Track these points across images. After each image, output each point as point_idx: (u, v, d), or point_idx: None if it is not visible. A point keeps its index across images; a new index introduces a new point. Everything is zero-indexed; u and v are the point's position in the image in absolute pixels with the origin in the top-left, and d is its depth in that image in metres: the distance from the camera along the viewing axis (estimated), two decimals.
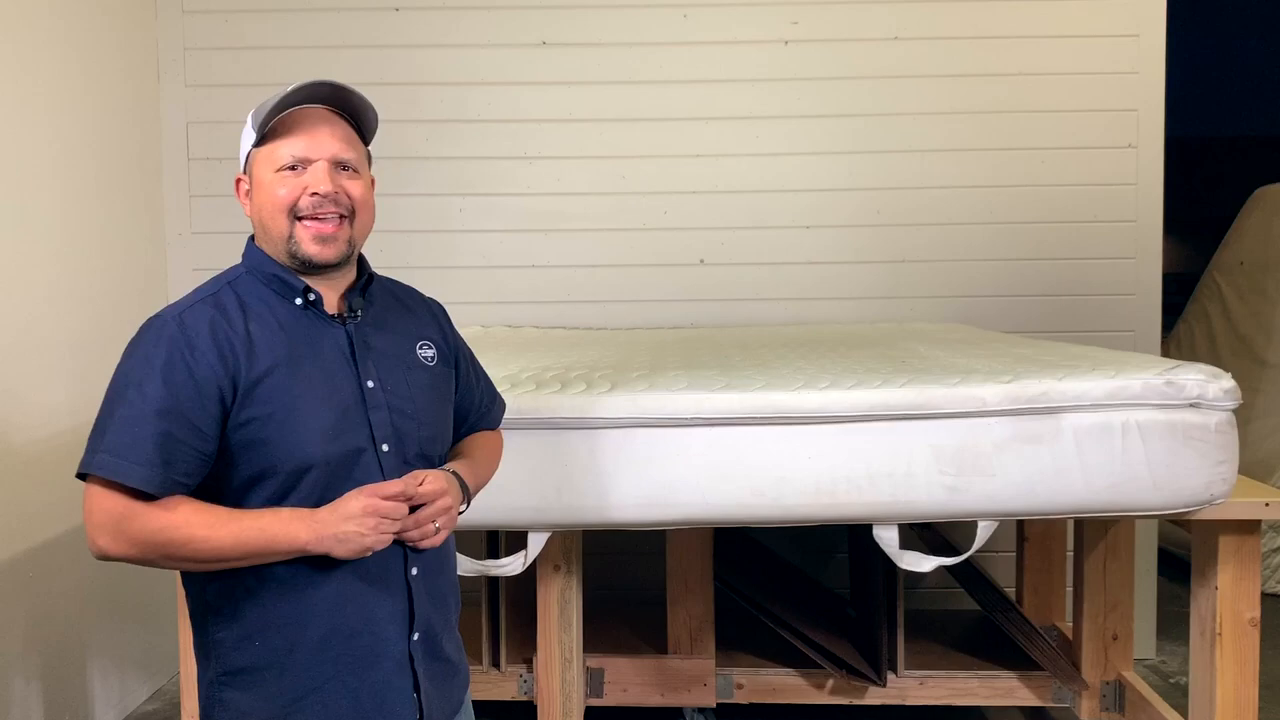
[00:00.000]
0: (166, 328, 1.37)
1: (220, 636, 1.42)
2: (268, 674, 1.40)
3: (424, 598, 1.48)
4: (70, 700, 3.07)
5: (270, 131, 1.45)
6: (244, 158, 1.49)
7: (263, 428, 1.36)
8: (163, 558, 1.34)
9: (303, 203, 1.41)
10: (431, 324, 1.62)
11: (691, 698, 2.84)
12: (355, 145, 1.49)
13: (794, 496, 2.15)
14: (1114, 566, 2.80)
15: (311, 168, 1.42)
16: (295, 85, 1.44)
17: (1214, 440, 2.14)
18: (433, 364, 1.56)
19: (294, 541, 1.34)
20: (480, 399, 1.71)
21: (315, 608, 1.40)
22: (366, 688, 1.42)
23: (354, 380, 1.44)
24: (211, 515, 1.34)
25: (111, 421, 1.34)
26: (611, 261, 3.79)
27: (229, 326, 1.39)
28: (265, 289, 1.46)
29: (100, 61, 3.37)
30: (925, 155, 3.78)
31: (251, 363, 1.37)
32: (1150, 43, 3.73)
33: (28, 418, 2.92)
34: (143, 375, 1.34)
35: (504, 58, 3.76)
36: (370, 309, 1.52)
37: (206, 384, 1.34)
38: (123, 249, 3.48)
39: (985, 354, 2.59)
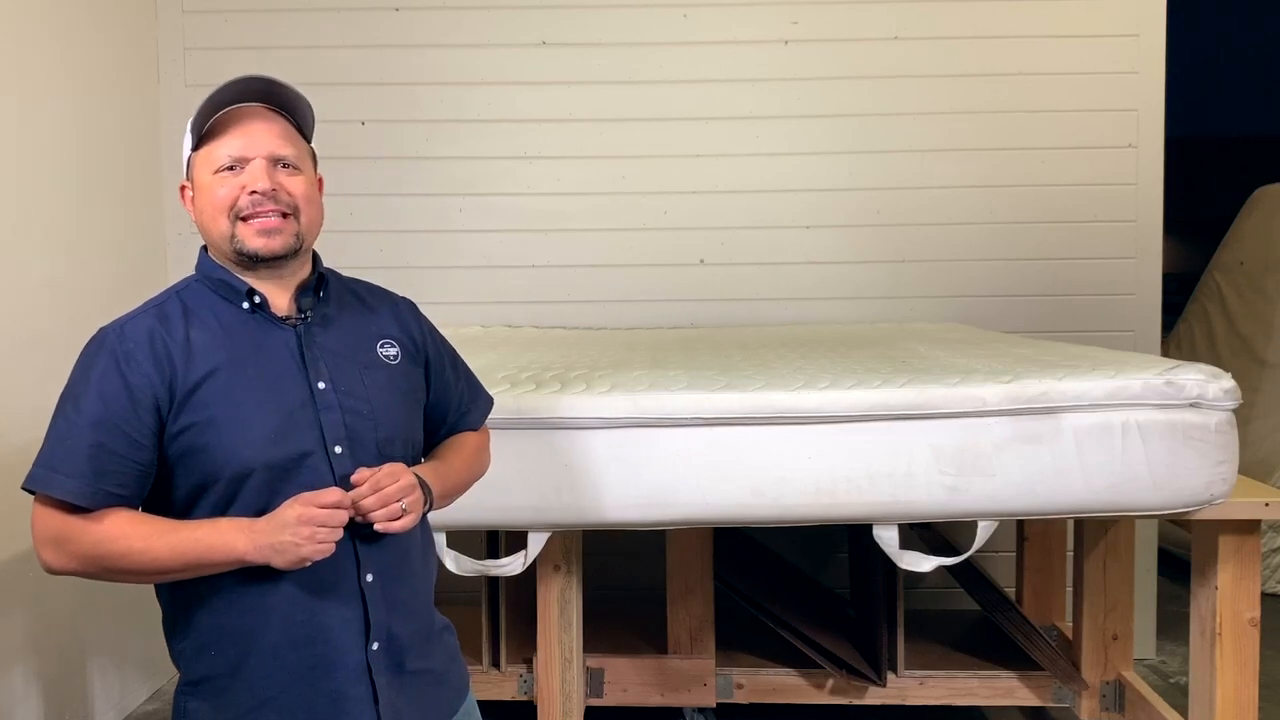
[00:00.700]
0: (106, 340, 1.38)
1: (181, 647, 1.43)
2: (224, 683, 1.39)
3: (381, 605, 1.43)
4: (70, 700, 3.07)
5: (207, 133, 1.43)
6: (185, 163, 1.47)
7: (201, 433, 1.34)
8: (104, 570, 1.34)
9: (242, 202, 1.39)
10: (394, 322, 1.57)
11: (691, 698, 2.84)
12: (294, 141, 1.46)
13: (794, 496, 2.15)
14: (1114, 566, 2.80)
15: (249, 166, 1.40)
16: (225, 83, 1.41)
17: (1214, 440, 2.14)
18: (394, 363, 1.51)
19: (231, 552, 1.31)
20: (460, 399, 1.66)
21: (267, 616, 1.38)
22: (321, 697, 1.39)
23: (303, 382, 1.40)
24: (148, 527, 1.32)
25: (50, 436, 1.35)
26: (611, 261, 3.79)
27: (168, 335, 1.37)
28: (212, 294, 1.44)
29: (100, 61, 3.37)
30: (925, 155, 3.78)
31: (189, 368, 1.35)
32: (1150, 43, 3.73)
33: (27, 417, 2.92)
34: (80, 389, 1.35)
35: (503, 58, 3.76)
36: (323, 308, 1.49)
37: (141, 393, 1.33)
38: (123, 249, 3.48)
39: (985, 354, 2.59)
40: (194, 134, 1.43)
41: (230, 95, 1.42)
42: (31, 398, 2.94)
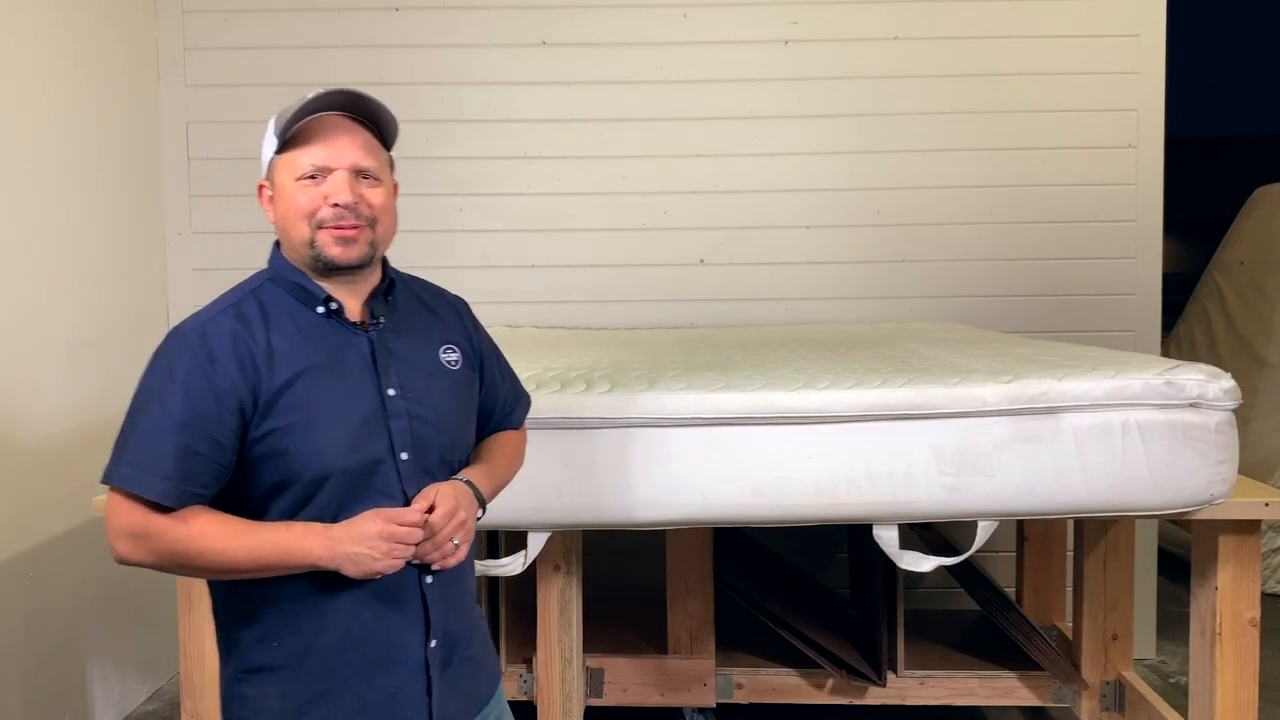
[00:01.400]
0: (189, 340, 1.38)
1: (240, 635, 1.45)
2: (284, 673, 1.42)
3: (440, 606, 1.47)
4: (70, 700, 3.07)
5: (291, 139, 1.45)
6: (265, 163, 1.49)
7: (283, 438, 1.37)
8: (179, 567, 1.36)
9: (323, 213, 1.42)
10: (456, 325, 1.61)
11: (691, 698, 2.84)
12: (375, 153, 1.49)
13: (794, 496, 2.15)
14: (1114, 566, 2.80)
15: (331, 177, 1.43)
16: (315, 93, 1.44)
17: (1214, 440, 2.14)
18: (456, 368, 1.55)
19: (307, 556, 1.35)
20: (504, 398, 1.69)
21: (332, 614, 1.41)
22: (377, 692, 1.43)
23: (375, 388, 1.43)
24: (227, 528, 1.35)
25: (133, 434, 1.35)
26: (611, 261, 3.79)
27: (250, 338, 1.39)
28: (288, 297, 1.46)
29: (100, 61, 3.37)
30: (925, 155, 3.78)
31: (273, 374, 1.38)
32: (1150, 43, 3.73)
33: (27, 417, 2.92)
34: (164, 389, 1.35)
35: (503, 58, 3.76)
36: (393, 314, 1.52)
37: (226, 397, 1.35)
38: (123, 249, 3.48)
39: (985, 354, 2.58)
40: (278, 138, 1.45)
41: (317, 105, 1.45)
42: (32, 397, 2.94)
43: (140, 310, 3.59)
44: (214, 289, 4.20)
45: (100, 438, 3.27)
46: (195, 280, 3.78)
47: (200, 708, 2.36)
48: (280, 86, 3.76)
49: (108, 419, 3.33)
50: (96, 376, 3.28)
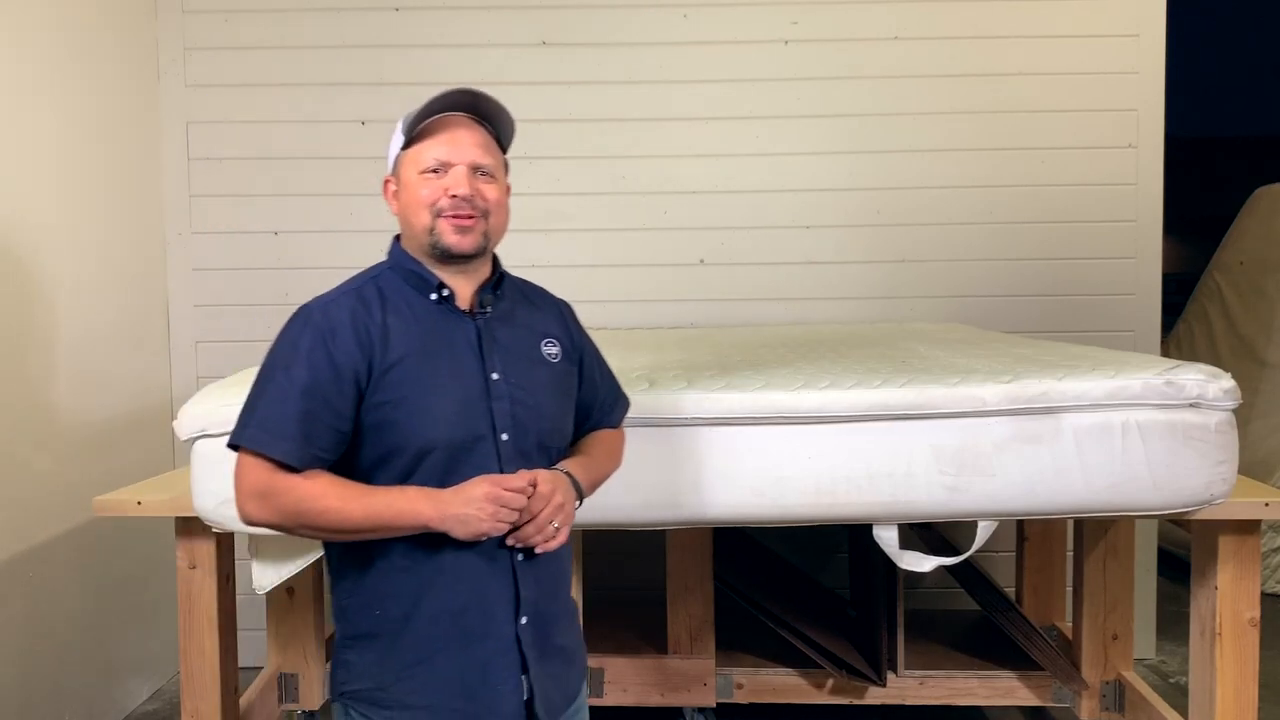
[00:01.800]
0: (312, 317, 1.51)
1: (346, 603, 1.57)
2: (384, 641, 1.53)
3: (531, 584, 1.55)
4: (70, 700, 3.08)
5: (416, 136, 1.58)
6: (392, 160, 1.62)
7: (393, 410, 1.48)
8: (300, 525, 1.47)
9: (443, 203, 1.54)
10: (558, 322, 1.73)
11: (691, 698, 2.84)
12: (493, 152, 1.63)
13: (794, 496, 2.15)
14: (1114, 566, 2.80)
15: (452, 171, 1.55)
16: (441, 92, 1.57)
17: (1214, 440, 2.13)
18: (555, 361, 1.65)
19: (419, 517, 1.44)
20: (604, 397, 1.78)
21: (429, 584, 1.50)
22: (472, 662, 1.52)
23: (480, 371, 1.54)
24: (346, 489, 1.46)
25: (261, 400, 1.48)
26: (611, 261, 3.79)
27: (368, 317, 1.51)
28: (404, 284, 1.58)
29: (100, 61, 3.37)
30: (925, 155, 3.78)
31: (386, 351, 1.50)
32: (1150, 43, 3.73)
33: (27, 417, 2.92)
34: (290, 359, 1.48)
35: (503, 58, 3.76)
36: (500, 305, 1.63)
37: (345, 369, 1.47)
38: (123, 249, 3.48)
39: (985, 354, 2.58)
40: (404, 134, 1.59)
41: (443, 104, 1.58)
42: (32, 397, 2.94)
43: (140, 310, 3.59)
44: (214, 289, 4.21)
45: (101, 438, 3.27)
46: (195, 280, 3.78)
47: (200, 708, 2.36)
48: (280, 86, 3.76)
49: (108, 419, 3.33)
50: (96, 377, 3.28)
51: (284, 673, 2.89)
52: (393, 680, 1.52)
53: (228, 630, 2.41)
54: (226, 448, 1.50)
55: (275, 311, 3.75)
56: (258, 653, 3.00)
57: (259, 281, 3.77)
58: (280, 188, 3.77)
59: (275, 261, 3.77)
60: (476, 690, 1.52)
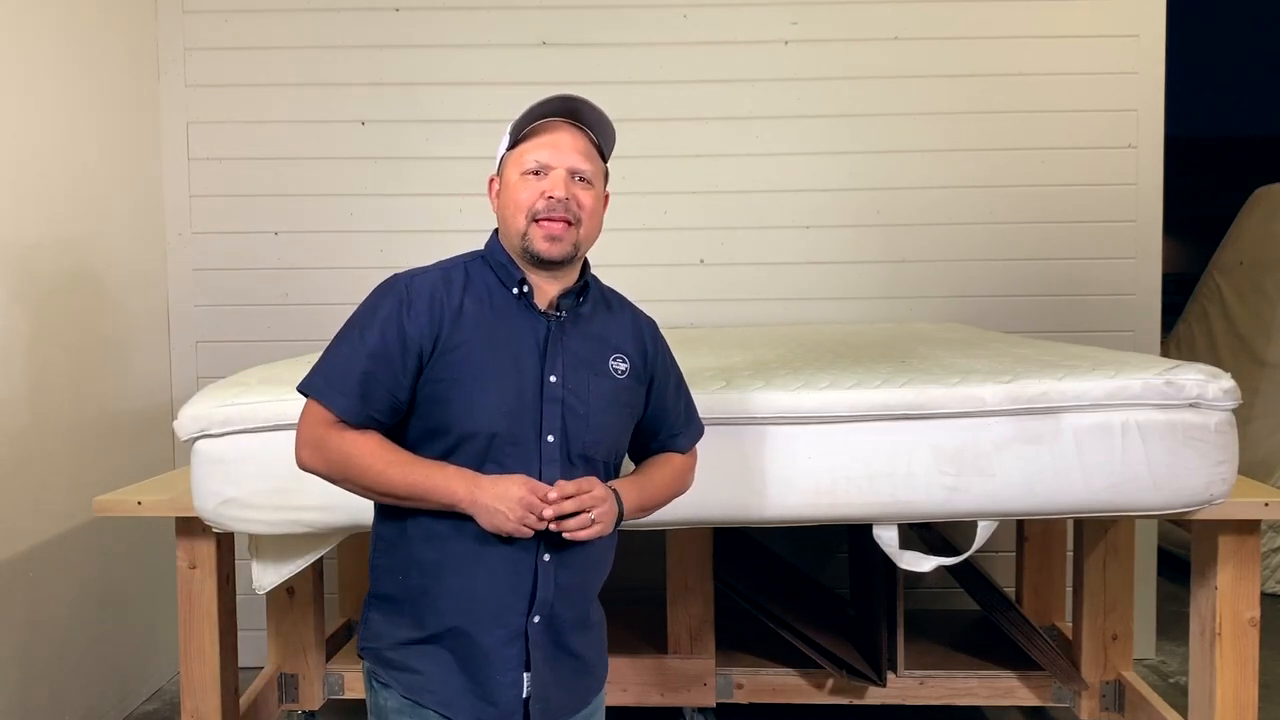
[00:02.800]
0: (396, 285, 1.59)
1: (379, 563, 1.64)
2: (403, 607, 1.59)
3: (550, 585, 1.57)
4: (70, 700, 3.08)
5: (521, 138, 1.64)
6: (498, 160, 1.68)
7: (447, 389, 1.54)
8: (345, 479, 1.55)
9: (539, 204, 1.58)
10: (633, 339, 1.73)
11: (691, 698, 2.84)
12: (593, 159, 1.65)
13: (794, 496, 2.15)
14: (1114, 566, 2.80)
15: (551, 174, 1.60)
16: (546, 97, 1.62)
17: (1214, 440, 2.14)
18: (622, 377, 1.67)
19: (451, 496, 1.50)
20: (673, 420, 1.79)
21: (454, 562, 1.55)
22: (478, 648, 1.56)
23: (538, 370, 1.58)
24: (392, 454, 1.53)
25: (331, 355, 1.58)
26: (611, 261, 3.76)
27: (446, 295, 1.58)
28: (491, 274, 1.64)
29: (100, 61, 3.37)
30: (925, 155, 3.78)
31: (455, 331, 1.56)
32: (1150, 43, 3.73)
33: (27, 417, 2.92)
34: (365, 322, 1.57)
35: (504, 58, 3.76)
36: (577, 310, 1.66)
37: (411, 340, 1.54)
38: (123, 249, 3.48)
39: (985, 354, 2.58)
40: (511, 136, 1.64)
41: (550, 109, 1.63)
42: (32, 397, 2.94)
43: (140, 310, 3.59)
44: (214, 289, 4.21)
45: (101, 438, 3.27)
46: (195, 280, 3.78)
47: (200, 708, 2.36)
48: (280, 86, 3.76)
49: (108, 419, 3.33)
50: (96, 377, 3.28)
51: (284, 673, 2.89)
52: (405, 644, 1.58)
53: (228, 630, 2.41)
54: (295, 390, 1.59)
55: (275, 312, 3.75)
56: (258, 653, 3.00)
57: (259, 281, 3.77)
58: (280, 188, 3.77)
59: (275, 261, 3.77)
60: (477, 674, 1.56)
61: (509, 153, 1.65)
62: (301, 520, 2.14)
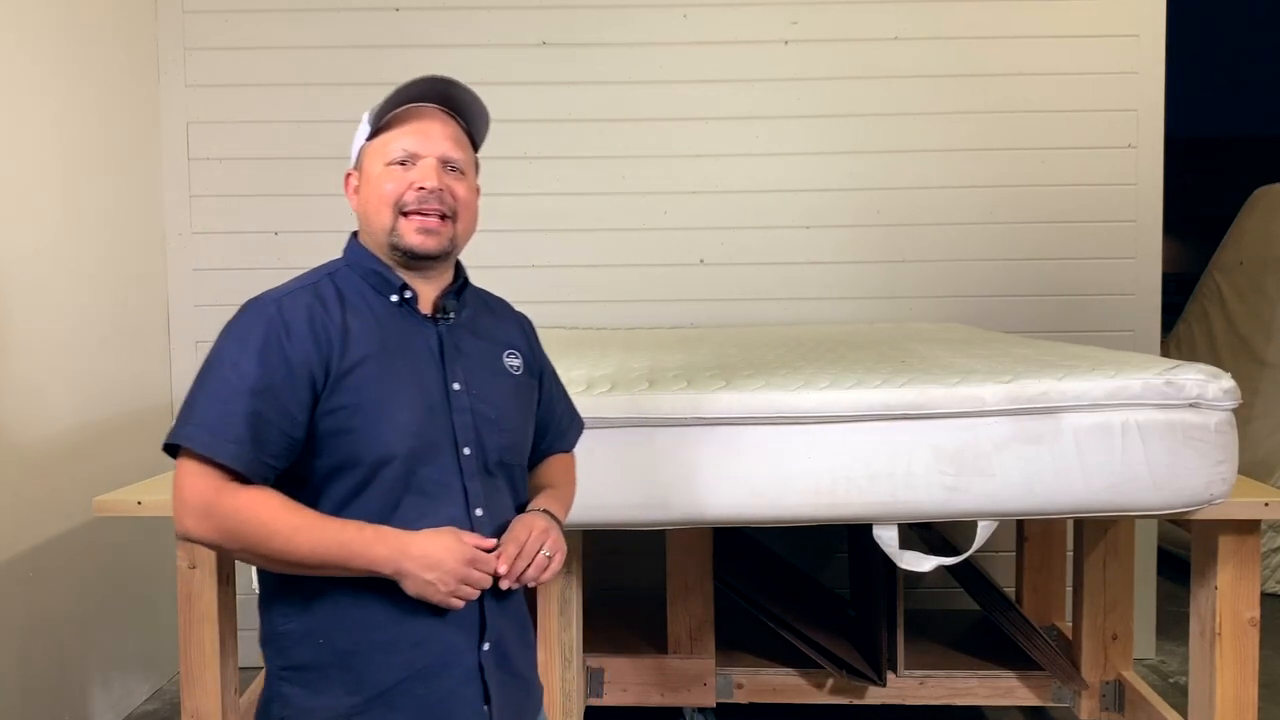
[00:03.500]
0: (265, 310, 1.39)
1: (286, 629, 1.42)
2: (331, 673, 1.39)
3: (495, 608, 1.45)
4: (70, 700, 3.08)
5: (384, 126, 1.48)
6: (355, 153, 1.52)
7: (350, 417, 1.36)
8: (241, 549, 1.32)
9: (408, 197, 1.43)
10: (519, 334, 1.64)
11: (691, 697, 2.84)
12: (464, 147, 1.51)
13: (794, 496, 2.15)
14: (1114, 566, 2.80)
15: (420, 163, 1.44)
16: (410, 80, 1.45)
17: (1214, 440, 2.13)
18: (518, 374, 1.57)
19: (371, 564, 1.32)
20: (560, 418, 1.71)
21: (383, 612, 1.38)
22: (434, 695, 1.40)
23: (441, 380, 1.44)
24: (298, 516, 1.32)
25: (204, 397, 1.34)
26: (611, 261, 3.79)
27: (326, 315, 1.40)
28: (363, 283, 1.47)
29: (100, 61, 3.37)
30: (925, 155, 3.78)
31: (345, 352, 1.38)
32: (1150, 43, 3.73)
33: (27, 417, 2.92)
34: (239, 354, 1.35)
35: (504, 58, 3.76)
36: (463, 312, 1.53)
37: (300, 368, 1.35)
38: (123, 249, 3.48)
39: (985, 354, 2.58)
40: (371, 124, 1.48)
41: (413, 93, 1.47)
42: (32, 397, 2.94)
43: (140, 310, 3.59)
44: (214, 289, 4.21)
45: (101, 438, 3.27)
46: (195, 280, 3.78)
47: (200, 708, 2.36)
48: (280, 86, 3.76)
49: (108, 419, 3.33)
50: (96, 377, 3.28)
51: None
52: (344, 717, 1.38)
53: (228, 630, 2.41)
54: (163, 450, 1.35)
55: None
56: (258, 653, 2.99)
57: (259, 281, 3.70)
58: (280, 188, 3.77)
59: (275, 261, 3.77)
60: None
61: (369, 143, 1.48)
62: None
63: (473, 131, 1.55)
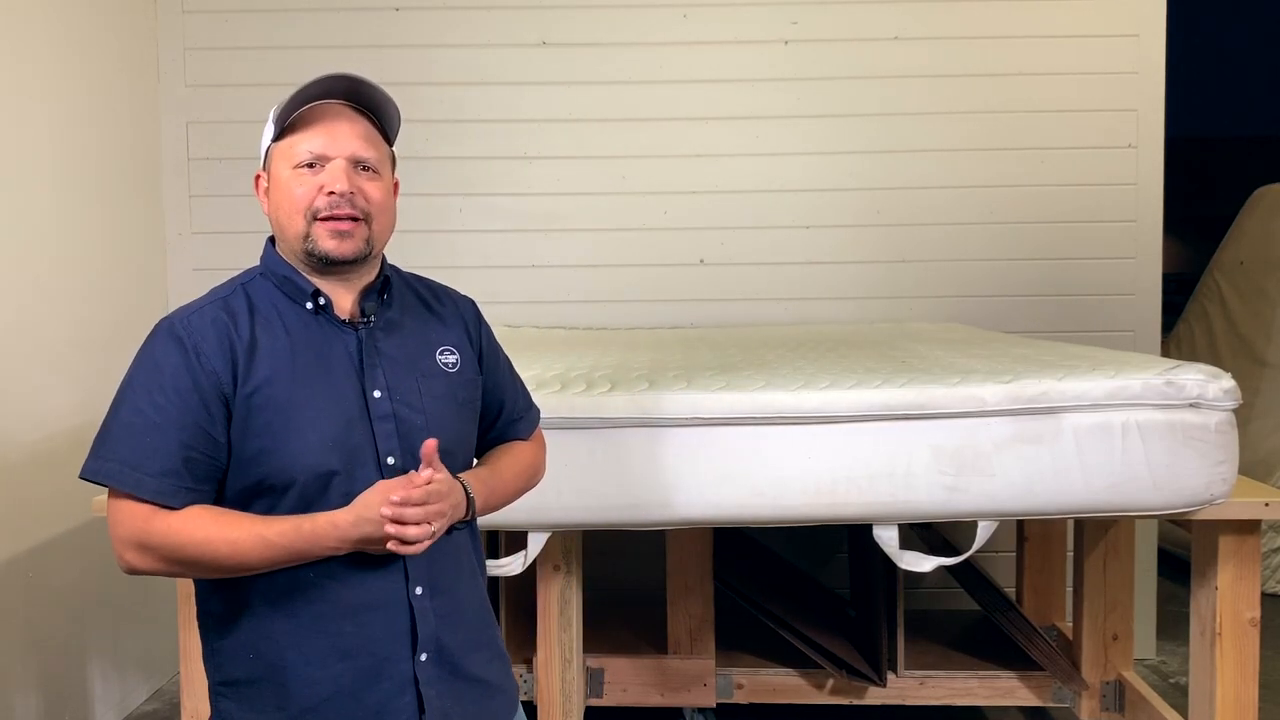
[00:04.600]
0: (174, 331, 1.35)
1: (219, 645, 1.40)
2: (264, 687, 1.37)
3: (430, 617, 1.40)
4: (70, 700, 3.07)
5: (289, 126, 1.41)
6: (263, 153, 1.46)
7: (258, 439, 1.32)
8: (188, 568, 1.32)
9: (319, 202, 1.37)
10: (456, 325, 1.55)
11: (691, 698, 2.84)
12: (376, 144, 1.44)
13: (794, 496, 2.15)
14: (1114, 566, 2.80)
15: (329, 166, 1.38)
16: (314, 78, 1.39)
17: (1214, 440, 2.14)
18: (453, 370, 1.49)
19: (319, 543, 1.30)
20: (510, 403, 1.63)
21: (312, 623, 1.36)
22: (364, 708, 1.37)
23: (359, 389, 1.38)
24: (232, 527, 1.30)
25: (124, 429, 1.31)
26: (611, 261, 3.79)
27: (235, 331, 1.35)
28: (277, 291, 1.41)
29: (100, 61, 3.37)
30: (925, 155, 3.78)
31: (251, 370, 1.33)
32: (1150, 43, 3.73)
33: (27, 418, 2.92)
34: (152, 383, 1.32)
35: (504, 58, 3.76)
36: (386, 312, 1.47)
37: (212, 390, 1.32)
38: (122, 249, 3.48)
39: (985, 354, 2.58)
40: (276, 125, 1.42)
41: (317, 91, 1.40)
42: (32, 398, 2.94)
43: (140, 310, 3.59)
44: None
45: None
46: (195, 280, 3.77)
47: (200, 708, 2.36)
48: (280, 86, 3.72)
49: None
50: (96, 377, 3.28)
51: None
52: None
53: None
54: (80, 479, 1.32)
55: None
56: None
57: None
58: None
59: None
60: None
61: (275, 144, 1.41)
62: None
63: (385, 128, 1.48)
